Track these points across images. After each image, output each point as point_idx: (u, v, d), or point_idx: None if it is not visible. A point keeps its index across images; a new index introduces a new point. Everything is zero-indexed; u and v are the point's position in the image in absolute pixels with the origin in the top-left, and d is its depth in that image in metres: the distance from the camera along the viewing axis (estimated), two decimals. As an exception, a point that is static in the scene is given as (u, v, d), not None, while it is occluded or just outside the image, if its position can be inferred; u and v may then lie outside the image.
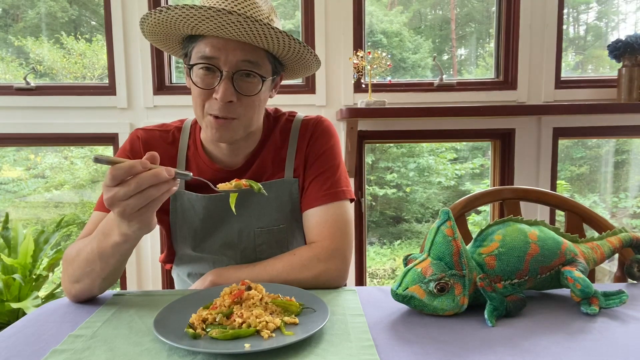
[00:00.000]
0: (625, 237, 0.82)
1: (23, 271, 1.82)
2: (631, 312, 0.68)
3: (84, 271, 0.73)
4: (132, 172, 0.60)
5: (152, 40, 0.92)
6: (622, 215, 2.85)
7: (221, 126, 0.84)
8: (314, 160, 0.95)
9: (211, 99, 0.83)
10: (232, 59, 0.82)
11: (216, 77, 0.83)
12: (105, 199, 0.61)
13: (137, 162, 0.60)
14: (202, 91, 0.83)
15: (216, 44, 0.82)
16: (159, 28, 0.85)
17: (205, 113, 0.85)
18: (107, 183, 0.61)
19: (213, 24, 0.77)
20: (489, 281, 0.66)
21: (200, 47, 0.83)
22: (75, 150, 2.92)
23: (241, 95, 0.84)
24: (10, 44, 2.32)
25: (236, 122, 0.85)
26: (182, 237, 0.96)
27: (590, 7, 2.68)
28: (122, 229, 0.66)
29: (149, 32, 0.88)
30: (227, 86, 0.81)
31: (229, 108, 0.83)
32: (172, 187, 0.63)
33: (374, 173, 3.15)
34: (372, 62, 1.90)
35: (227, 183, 0.74)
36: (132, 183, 0.60)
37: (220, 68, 0.82)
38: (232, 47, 0.82)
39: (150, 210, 0.63)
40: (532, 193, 1.12)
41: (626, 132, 2.14)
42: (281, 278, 0.82)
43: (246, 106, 0.85)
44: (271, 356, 0.55)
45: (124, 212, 0.62)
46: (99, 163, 0.62)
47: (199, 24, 0.79)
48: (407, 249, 3.24)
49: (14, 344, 0.61)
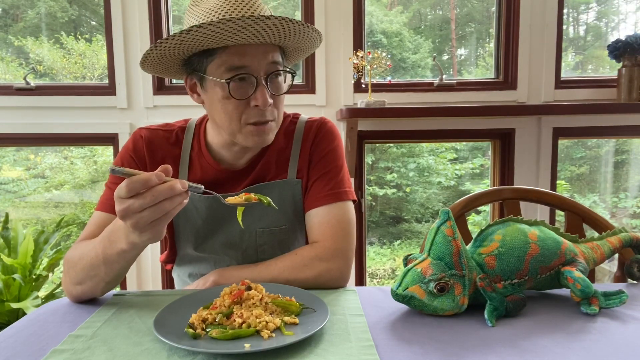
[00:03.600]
0: (625, 237, 0.82)
1: (23, 271, 1.82)
2: (631, 312, 0.68)
3: (88, 275, 0.73)
4: (147, 185, 0.60)
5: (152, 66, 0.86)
6: (622, 215, 2.85)
7: (262, 132, 0.85)
8: (317, 161, 0.95)
9: (248, 108, 0.83)
10: (263, 63, 0.82)
11: (250, 85, 0.82)
12: (119, 210, 0.61)
13: (152, 175, 0.60)
14: (238, 103, 0.82)
15: (243, 52, 0.81)
16: (175, 50, 0.81)
17: (243, 124, 0.84)
18: (122, 195, 0.60)
19: (248, 32, 0.76)
20: (489, 281, 0.66)
21: (222, 59, 0.81)
22: (75, 150, 2.92)
23: (274, 95, 0.85)
24: (10, 44, 2.32)
25: (273, 124, 0.87)
26: (184, 237, 0.96)
27: (590, 7, 2.68)
28: (131, 238, 0.65)
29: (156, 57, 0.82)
30: (265, 91, 0.82)
31: (267, 111, 0.84)
32: (184, 199, 0.63)
33: (374, 173, 3.15)
34: (372, 62, 1.90)
35: (237, 197, 0.73)
36: (147, 196, 0.59)
37: (254, 75, 0.81)
38: (260, 51, 0.82)
39: (163, 222, 0.63)
40: (532, 193, 1.12)
41: (626, 132, 2.14)
42: (283, 278, 0.82)
43: (279, 105, 0.87)
44: (271, 356, 0.55)
45: (137, 224, 0.61)
46: (115, 174, 0.62)
47: (232, 37, 0.77)
48: (407, 249, 3.24)
49: (14, 344, 0.61)
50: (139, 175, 0.60)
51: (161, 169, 0.62)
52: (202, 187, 0.67)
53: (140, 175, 0.60)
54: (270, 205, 0.74)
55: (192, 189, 0.64)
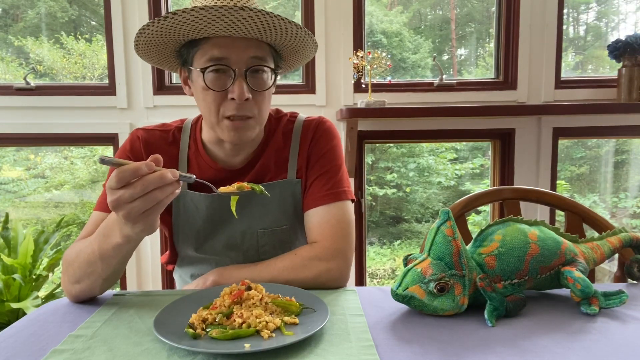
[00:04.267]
0: (625, 237, 0.82)
1: (23, 271, 1.82)
2: (631, 312, 0.68)
3: (85, 272, 0.73)
4: (137, 175, 0.59)
5: (146, 54, 0.89)
6: (622, 215, 2.85)
7: (239, 127, 0.85)
8: (316, 160, 0.95)
9: (226, 101, 0.83)
10: (243, 56, 0.82)
11: (228, 77, 0.83)
12: (110, 202, 0.61)
13: (142, 164, 0.60)
14: (216, 95, 0.83)
15: (224, 44, 0.82)
16: (159, 38, 0.84)
17: (221, 117, 0.85)
18: (112, 185, 0.60)
19: (223, 23, 0.77)
20: (489, 281, 0.66)
21: (205, 50, 0.83)
22: (75, 150, 2.92)
23: (255, 91, 0.84)
24: (10, 44, 2.32)
25: (252, 121, 0.86)
26: (184, 238, 0.95)
27: (590, 7, 2.68)
28: (125, 230, 0.65)
29: (145, 44, 0.86)
30: (242, 84, 0.82)
31: (245, 106, 0.84)
32: (175, 189, 0.63)
33: (374, 173, 3.15)
34: (372, 62, 1.90)
35: (229, 186, 0.73)
36: (138, 185, 0.59)
37: (232, 67, 0.82)
38: (241, 45, 0.82)
39: (155, 212, 0.63)
40: (532, 193, 1.12)
41: (626, 132, 2.14)
42: (282, 278, 0.81)
43: (259, 103, 0.86)
44: (271, 356, 0.55)
45: (129, 214, 0.61)
46: (105, 164, 0.61)
47: (208, 26, 0.78)
48: (407, 249, 3.24)
49: (14, 344, 0.61)
50: (129, 164, 0.60)
51: (151, 159, 0.62)
52: (194, 176, 0.67)
53: (129, 164, 0.60)
54: (263, 194, 0.74)
55: (183, 179, 0.64)
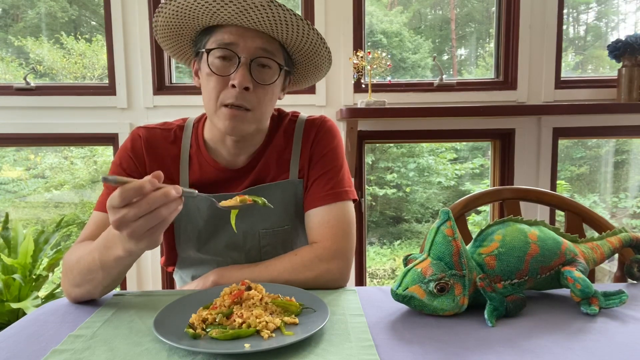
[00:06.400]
0: (625, 237, 0.82)
1: (23, 271, 1.82)
2: (631, 312, 0.68)
3: (85, 278, 0.73)
4: (141, 193, 0.58)
5: (164, 39, 0.92)
6: (622, 215, 2.85)
7: (235, 117, 0.84)
8: (317, 160, 0.94)
9: (226, 88, 0.83)
10: (251, 45, 0.83)
11: (233, 64, 0.83)
12: (113, 221, 0.59)
13: (145, 182, 0.58)
14: (218, 80, 0.83)
15: (235, 32, 0.83)
16: (175, 20, 0.85)
17: (219, 104, 0.85)
18: (115, 204, 0.58)
19: (235, 8, 0.78)
20: (489, 281, 0.66)
21: (216, 36, 0.84)
22: (75, 150, 2.92)
23: (257, 83, 0.84)
24: (10, 44, 2.32)
25: (250, 115, 0.85)
26: (185, 239, 0.95)
27: (590, 7, 2.68)
28: (128, 247, 0.64)
29: (163, 27, 0.88)
30: (245, 72, 0.82)
31: (244, 96, 0.83)
32: (179, 205, 0.62)
33: (374, 173, 3.15)
34: (372, 62, 1.91)
35: (231, 200, 0.73)
36: (143, 204, 0.57)
37: (238, 54, 0.82)
38: (251, 35, 0.83)
39: (159, 229, 0.61)
40: (532, 193, 1.12)
41: (626, 132, 2.14)
42: (283, 278, 0.81)
43: (260, 97, 0.85)
44: (271, 356, 0.55)
45: (134, 232, 0.59)
46: (108, 183, 0.59)
47: (219, 10, 0.79)
48: (407, 249, 3.24)
49: (14, 344, 0.61)
50: (132, 182, 0.58)
51: (153, 176, 0.60)
52: (196, 192, 0.66)
53: (133, 182, 0.58)
54: (265, 206, 0.73)
55: (186, 194, 0.63)
